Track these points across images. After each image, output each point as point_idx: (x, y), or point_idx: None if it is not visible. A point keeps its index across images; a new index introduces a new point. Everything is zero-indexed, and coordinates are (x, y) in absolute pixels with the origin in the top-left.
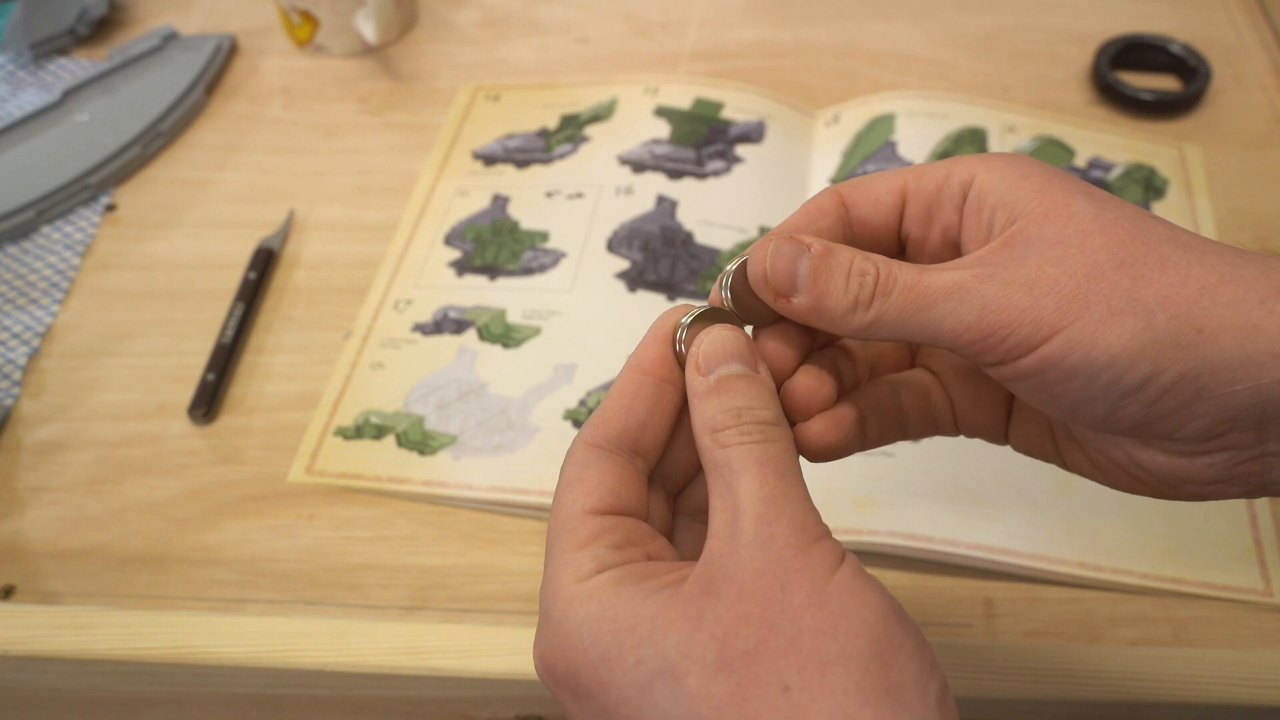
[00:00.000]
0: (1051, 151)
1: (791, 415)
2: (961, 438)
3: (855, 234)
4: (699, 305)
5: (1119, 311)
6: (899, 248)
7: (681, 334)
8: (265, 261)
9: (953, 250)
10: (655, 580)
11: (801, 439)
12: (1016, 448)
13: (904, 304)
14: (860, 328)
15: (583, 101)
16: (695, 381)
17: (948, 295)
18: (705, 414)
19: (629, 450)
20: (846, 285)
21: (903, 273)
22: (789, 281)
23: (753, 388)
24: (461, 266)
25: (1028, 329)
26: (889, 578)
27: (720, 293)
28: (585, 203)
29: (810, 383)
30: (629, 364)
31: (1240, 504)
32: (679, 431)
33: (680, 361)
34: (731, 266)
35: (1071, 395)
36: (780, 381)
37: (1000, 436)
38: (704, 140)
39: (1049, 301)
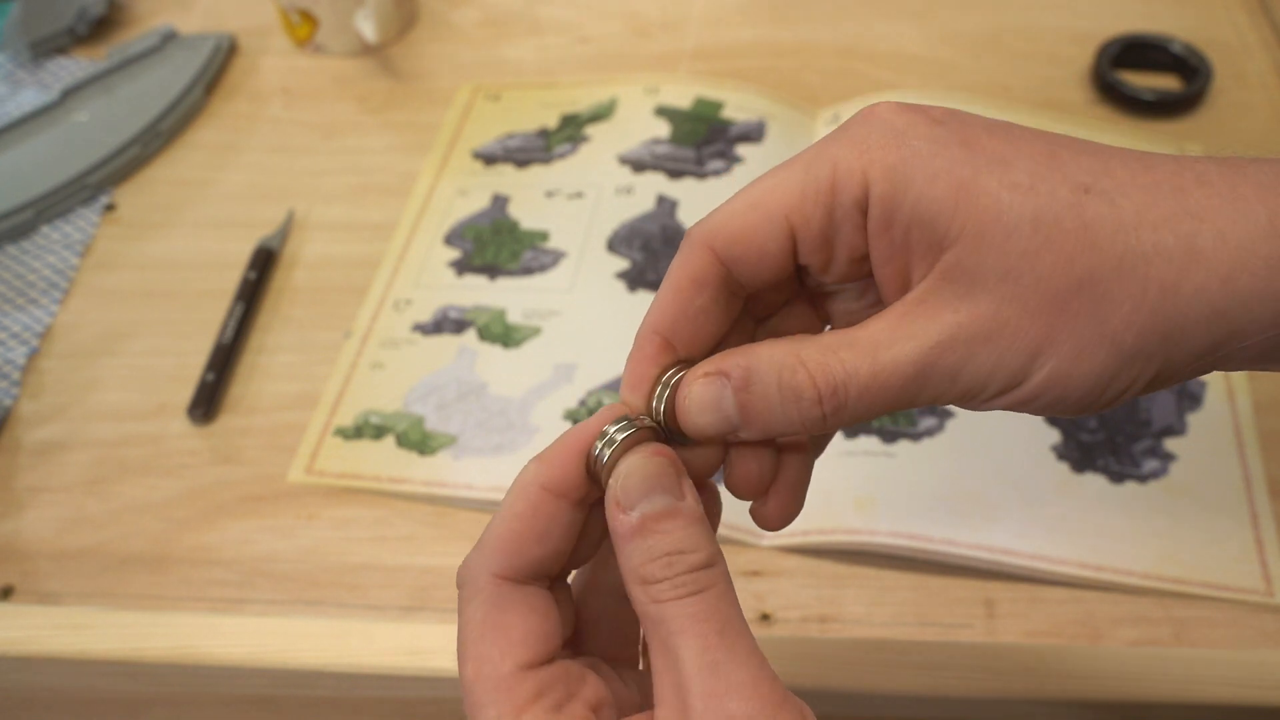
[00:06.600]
0: None
1: (741, 497)
2: (961, 439)
3: (745, 286)
4: (612, 424)
5: (1089, 347)
6: (797, 281)
7: (598, 450)
8: (265, 261)
9: (862, 266)
10: None
11: (760, 519)
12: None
13: (868, 400)
14: (826, 430)
15: (583, 101)
16: (617, 521)
17: (918, 373)
18: (633, 561)
19: (543, 577)
20: (784, 407)
21: (852, 366)
22: (725, 424)
23: (680, 525)
24: (461, 266)
25: (1001, 382)
26: (889, 578)
27: (654, 417)
28: (585, 202)
29: (751, 468)
30: (530, 480)
31: (1240, 504)
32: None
33: (594, 477)
34: (656, 403)
35: (1049, 412)
36: (713, 472)
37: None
38: (704, 140)
39: (1015, 355)
